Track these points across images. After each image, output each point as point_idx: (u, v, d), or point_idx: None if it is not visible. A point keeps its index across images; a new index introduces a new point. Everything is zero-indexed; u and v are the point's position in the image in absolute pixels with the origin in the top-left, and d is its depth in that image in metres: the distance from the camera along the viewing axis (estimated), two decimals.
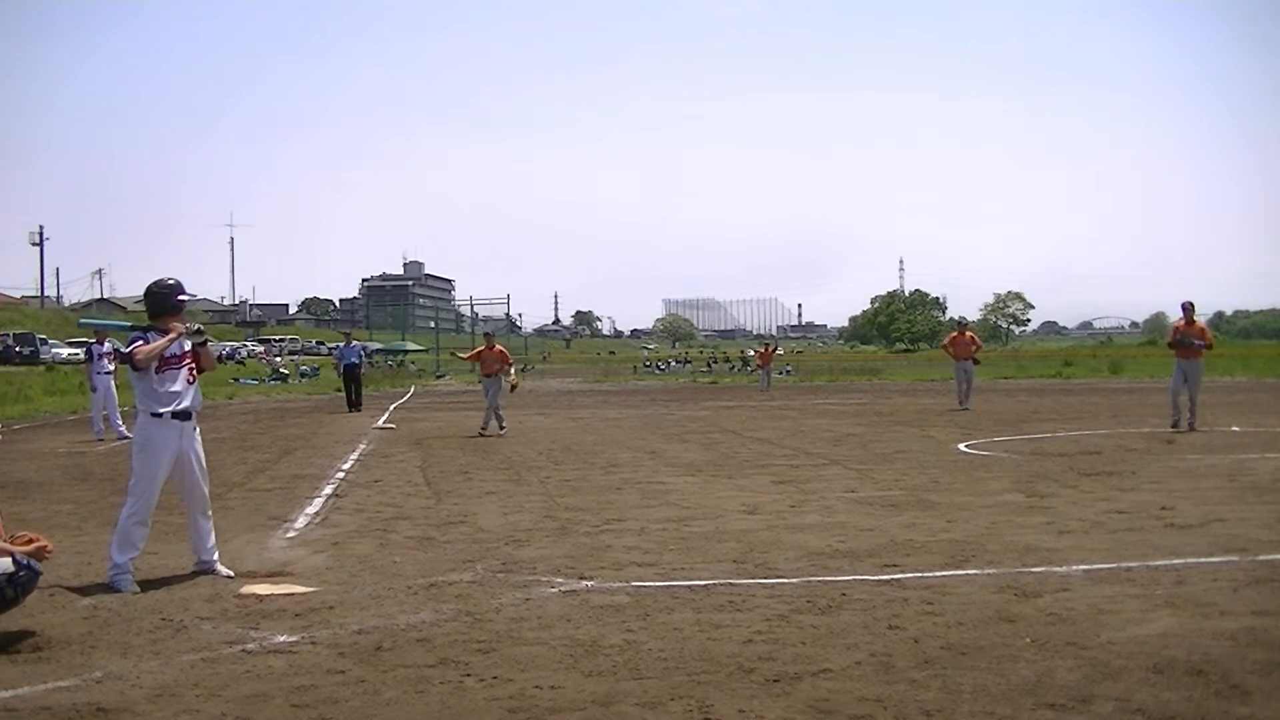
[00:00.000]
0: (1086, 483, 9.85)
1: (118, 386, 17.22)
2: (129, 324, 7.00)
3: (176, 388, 6.31)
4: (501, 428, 16.77)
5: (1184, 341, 14.61)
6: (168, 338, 6.27)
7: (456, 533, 7.83)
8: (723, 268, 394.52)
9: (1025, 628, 4.89)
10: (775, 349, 38.34)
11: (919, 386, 33.35)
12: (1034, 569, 6.14)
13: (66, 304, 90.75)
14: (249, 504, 9.52)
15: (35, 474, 12.22)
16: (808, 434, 16.27)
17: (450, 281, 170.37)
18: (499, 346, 17.82)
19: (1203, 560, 6.27)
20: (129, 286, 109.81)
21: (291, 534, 7.93)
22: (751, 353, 68.98)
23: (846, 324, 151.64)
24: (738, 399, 27.95)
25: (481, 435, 16.40)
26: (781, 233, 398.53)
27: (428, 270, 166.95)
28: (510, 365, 17.78)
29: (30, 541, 5.06)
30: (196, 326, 6.54)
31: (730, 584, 5.91)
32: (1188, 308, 14.72)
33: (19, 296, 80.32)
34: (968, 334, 21.25)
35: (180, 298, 6.52)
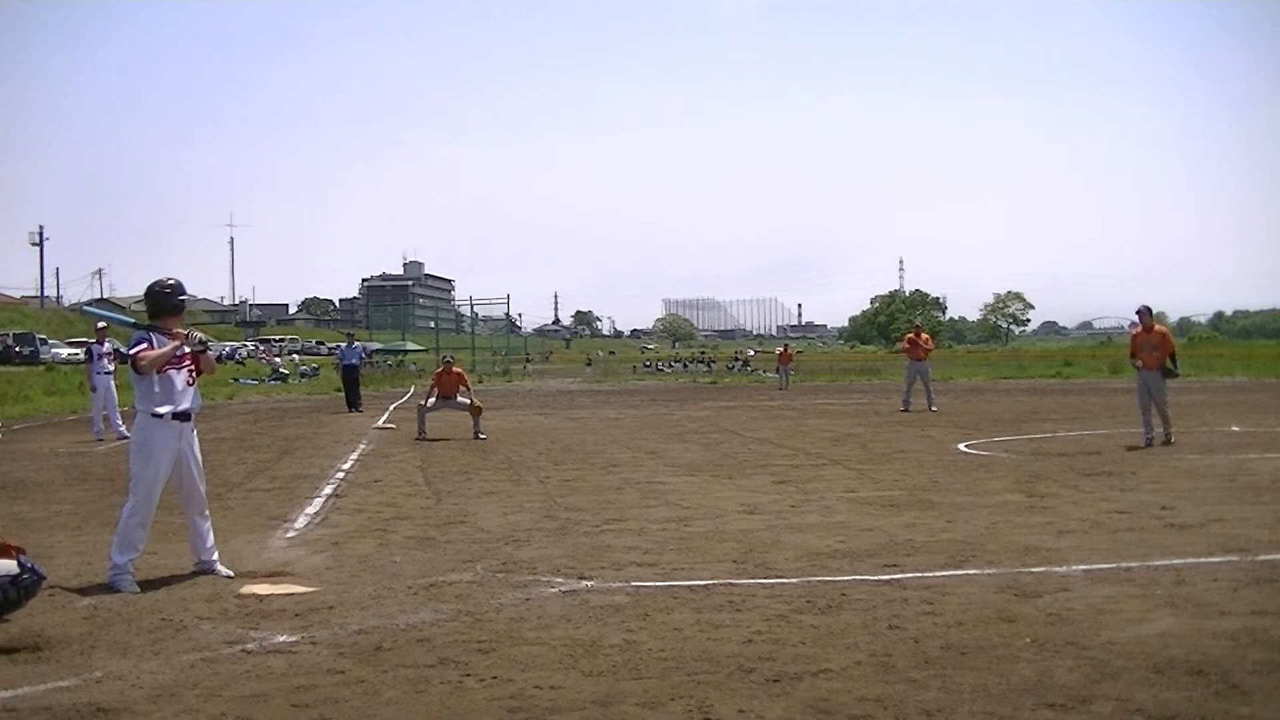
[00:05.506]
0: (1086, 483, 9.85)
1: (118, 387, 17.22)
2: (132, 320, 6.99)
3: (176, 389, 6.32)
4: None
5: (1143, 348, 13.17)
6: (171, 345, 6.26)
7: (456, 533, 7.83)
8: (723, 268, 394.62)
9: (1025, 628, 4.89)
10: (778, 350, 38.44)
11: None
12: (1034, 569, 6.14)
13: (66, 304, 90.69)
14: (249, 504, 9.52)
15: (35, 474, 12.21)
16: (808, 434, 16.27)
17: (450, 281, 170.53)
18: (456, 369, 17.21)
19: (1203, 560, 6.27)
20: (129, 286, 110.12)
21: (291, 534, 7.93)
22: (751, 353, 68.94)
23: (846, 324, 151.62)
24: (737, 399, 27.95)
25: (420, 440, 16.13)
26: (781, 232, 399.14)
27: (428, 270, 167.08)
28: (468, 387, 17.12)
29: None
30: (200, 338, 6.53)
31: (730, 584, 5.91)
32: (1143, 313, 13.37)
33: (19, 296, 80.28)
34: (923, 335, 21.21)
35: (181, 298, 6.55)
